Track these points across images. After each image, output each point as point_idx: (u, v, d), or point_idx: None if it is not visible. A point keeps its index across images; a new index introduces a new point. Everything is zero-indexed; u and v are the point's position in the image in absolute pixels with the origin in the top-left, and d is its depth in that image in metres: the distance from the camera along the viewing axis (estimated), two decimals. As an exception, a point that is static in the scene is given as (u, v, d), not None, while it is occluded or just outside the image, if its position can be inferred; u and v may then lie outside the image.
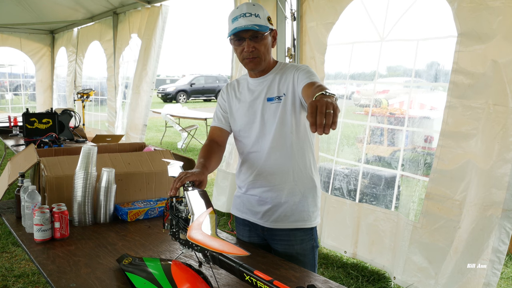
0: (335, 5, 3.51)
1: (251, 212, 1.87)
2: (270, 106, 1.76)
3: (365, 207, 3.40)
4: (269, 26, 1.73)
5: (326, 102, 1.23)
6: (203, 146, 1.87)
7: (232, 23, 1.72)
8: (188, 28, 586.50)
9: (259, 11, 1.71)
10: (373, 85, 3.55)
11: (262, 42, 1.73)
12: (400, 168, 3.24)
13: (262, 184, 1.80)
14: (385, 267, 3.28)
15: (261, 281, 1.08)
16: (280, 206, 1.79)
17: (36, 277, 3.24)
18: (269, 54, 1.78)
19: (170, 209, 1.52)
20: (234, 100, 1.88)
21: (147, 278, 1.33)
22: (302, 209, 1.80)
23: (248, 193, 1.86)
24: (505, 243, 2.43)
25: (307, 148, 1.80)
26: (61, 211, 1.77)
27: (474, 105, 2.58)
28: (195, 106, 19.98)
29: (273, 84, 1.78)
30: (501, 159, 2.42)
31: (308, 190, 1.81)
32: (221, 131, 1.92)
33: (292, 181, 1.78)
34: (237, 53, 1.78)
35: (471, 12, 2.58)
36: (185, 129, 8.82)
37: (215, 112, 1.97)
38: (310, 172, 1.82)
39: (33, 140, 4.12)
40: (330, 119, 1.21)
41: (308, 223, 1.82)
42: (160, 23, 5.77)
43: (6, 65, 11.32)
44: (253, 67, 1.77)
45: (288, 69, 1.79)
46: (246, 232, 1.93)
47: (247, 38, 1.71)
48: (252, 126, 1.80)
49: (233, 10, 1.76)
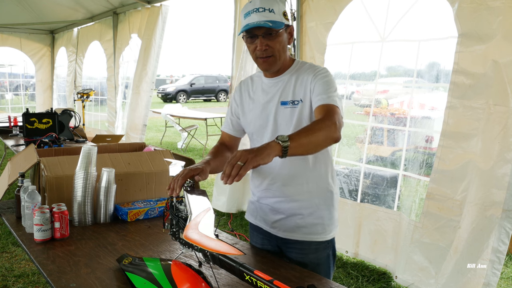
0: (334, 5, 3.51)
1: (264, 220, 1.78)
2: (284, 110, 1.64)
3: (367, 207, 3.40)
4: (284, 22, 1.59)
5: (241, 155, 1.28)
6: (212, 147, 1.81)
7: (244, 18, 1.59)
8: (188, 28, 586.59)
9: (274, 6, 1.57)
10: (374, 85, 3.55)
11: (277, 40, 1.59)
12: (402, 168, 3.25)
13: (275, 194, 1.71)
14: (387, 266, 3.29)
15: (261, 281, 1.08)
16: (294, 217, 1.69)
17: (36, 277, 3.24)
18: (284, 52, 1.64)
19: (170, 209, 1.51)
20: (248, 100, 1.76)
21: (147, 278, 1.33)
22: (316, 222, 1.68)
23: (261, 201, 1.78)
24: (505, 243, 2.43)
25: (323, 158, 1.68)
26: (61, 211, 1.77)
27: (475, 105, 2.58)
28: (195, 106, 19.98)
29: (288, 87, 1.65)
30: (501, 159, 2.42)
31: (323, 203, 1.69)
32: (229, 137, 1.85)
33: (307, 193, 1.67)
34: (250, 51, 1.65)
35: (471, 13, 2.58)
36: (185, 129, 8.82)
37: (226, 115, 1.88)
38: (327, 184, 1.70)
39: (33, 140, 4.11)
40: (236, 171, 1.27)
41: (322, 236, 1.70)
42: (160, 23, 5.77)
43: (6, 65, 11.33)
44: (267, 67, 1.64)
45: (305, 70, 1.64)
46: (260, 240, 1.83)
47: (260, 36, 1.57)
48: (265, 131, 1.69)
49: (246, 4, 1.61)
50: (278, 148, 1.31)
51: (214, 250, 1.09)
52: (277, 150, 1.31)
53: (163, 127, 11.14)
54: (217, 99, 23.73)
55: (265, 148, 1.31)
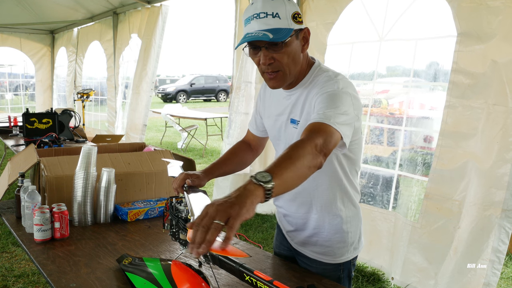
0: (335, 5, 3.51)
1: (283, 226, 1.69)
2: (292, 129, 1.45)
3: (363, 207, 3.40)
4: (293, 27, 1.30)
5: (217, 211, 0.94)
6: (235, 144, 1.70)
7: (245, 26, 1.33)
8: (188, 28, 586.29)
9: (279, 8, 1.28)
10: (373, 85, 3.56)
11: (284, 51, 1.31)
12: (397, 168, 3.24)
13: (283, 206, 1.60)
14: (382, 268, 3.28)
15: (261, 281, 1.08)
16: (302, 232, 1.56)
17: (36, 277, 3.24)
18: (296, 64, 1.36)
19: (170, 209, 1.52)
20: (267, 105, 1.59)
21: (147, 278, 1.33)
22: (326, 245, 1.53)
23: (277, 208, 1.67)
24: (505, 243, 2.43)
25: (335, 182, 1.47)
26: (61, 211, 1.77)
27: (474, 105, 2.58)
28: (195, 106, 19.98)
29: (298, 103, 1.42)
30: (500, 159, 2.42)
31: (333, 228, 1.51)
32: (254, 137, 1.70)
33: (315, 214, 1.51)
34: (255, 63, 1.39)
35: (471, 12, 2.58)
36: (185, 129, 8.82)
37: (253, 110, 1.72)
38: (335, 208, 1.49)
39: (33, 140, 4.12)
40: (214, 235, 0.92)
41: (330, 259, 1.54)
42: (160, 23, 5.77)
43: (6, 65, 11.33)
44: (274, 84, 1.38)
45: (317, 85, 1.38)
46: (278, 242, 1.75)
47: (263, 47, 1.31)
48: (278, 142, 1.55)
49: (247, 6, 1.34)
50: (261, 192, 1.00)
51: (217, 252, 1.08)
52: (260, 195, 1.00)
53: (163, 127, 11.13)
54: (217, 99, 23.73)
55: (245, 196, 0.97)
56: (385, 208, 3.32)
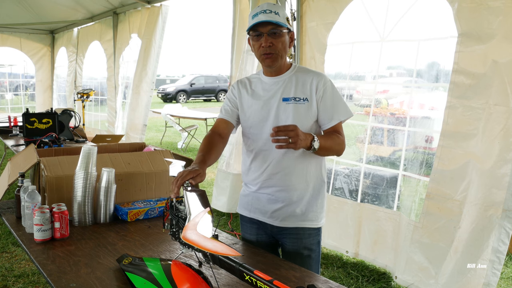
0: (335, 5, 3.51)
1: (259, 211, 1.89)
2: (285, 106, 1.80)
3: (367, 207, 3.40)
4: (287, 25, 1.78)
5: (296, 130, 1.56)
6: (204, 137, 1.86)
7: (252, 19, 1.77)
8: (188, 28, 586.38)
9: (280, 10, 1.77)
10: (374, 85, 3.55)
11: (280, 39, 1.77)
12: (402, 168, 3.25)
13: (276, 183, 1.83)
14: (387, 267, 3.29)
15: (261, 281, 1.08)
16: (291, 206, 1.83)
17: (36, 277, 3.24)
18: (285, 53, 1.82)
19: (170, 209, 1.52)
20: (246, 97, 1.89)
21: (147, 278, 1.33)
22: (310, 209, 1.85)
23: (260, 191, 1.87)
24: (505, 243, 2.43)
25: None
26: (61, 211, 1.77)
27: (475, 105, 2.58)
28: (195, 106, 19.98)
29: (289, 85, 1.82)
30: (501, 159, 2.42)
31: (317, 191, 1.86)
32: (226, 124, 1.92)
33: (305, 182, 1.83)
34: (255, 50, 1.82)
35: (471, 12, 2.58)
36: (185, 129, 8.82)
37: (222, 106, 1.97)
38: (321, 174, 1.88)
39: (33, 140, 4.11)
40: (285, 140, 1.56)
41: (314, 223, 1.87)
42: (160, 23, 5.77)
43: (6, 65, 11.32)
44: (269, 63, 1.80)
45: (306, 74, 1.84)
46: (254, 230, 1.95)
47: (265, 34, 1.75)
48: (265, 124, 1.82)
49: (255, 8, 1.83)
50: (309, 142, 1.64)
51: (210, 251, 1.09)
52: (308, 144, 1.64)
53: (163, 127, 11.13)
54: (217, 99, 23.73)
55: (306, 139, 1.62)
56: (390, 208, 3.32)
